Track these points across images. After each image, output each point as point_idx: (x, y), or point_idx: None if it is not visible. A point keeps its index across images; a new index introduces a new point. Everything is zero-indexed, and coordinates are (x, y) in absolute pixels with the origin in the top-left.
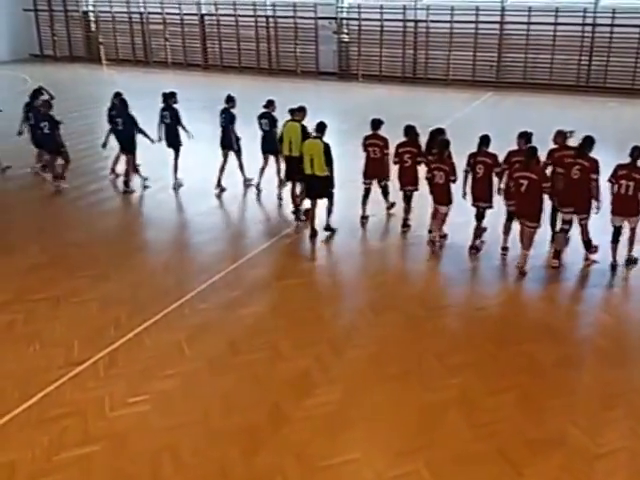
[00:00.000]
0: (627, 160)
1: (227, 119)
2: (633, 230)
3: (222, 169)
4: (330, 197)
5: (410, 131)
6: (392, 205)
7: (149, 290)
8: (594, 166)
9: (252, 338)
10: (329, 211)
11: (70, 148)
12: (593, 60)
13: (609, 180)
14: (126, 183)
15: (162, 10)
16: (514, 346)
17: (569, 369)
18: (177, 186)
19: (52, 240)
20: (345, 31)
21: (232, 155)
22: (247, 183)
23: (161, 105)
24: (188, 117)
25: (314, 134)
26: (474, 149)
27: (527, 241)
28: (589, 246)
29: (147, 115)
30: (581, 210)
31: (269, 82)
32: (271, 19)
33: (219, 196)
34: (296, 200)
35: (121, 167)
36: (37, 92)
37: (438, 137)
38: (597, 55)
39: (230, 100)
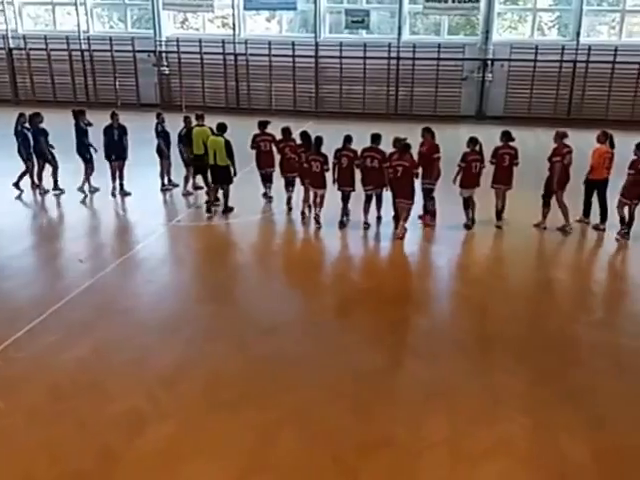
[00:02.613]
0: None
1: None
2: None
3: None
4: (229, 183)
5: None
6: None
7: None
8: (437, 148)
9: (76, 382)
10: (226, 196)
11: None
12: (400, 90)
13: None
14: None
15: None
16: (342, 356)
17: (392, 372)
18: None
19: None
20: (165, 64)
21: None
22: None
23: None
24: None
25: (216, 132)
26: None
27: (405, 214)
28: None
29: None
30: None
31: (89, 115)
32: (86, 53)
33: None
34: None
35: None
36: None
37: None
38: (403, 86)
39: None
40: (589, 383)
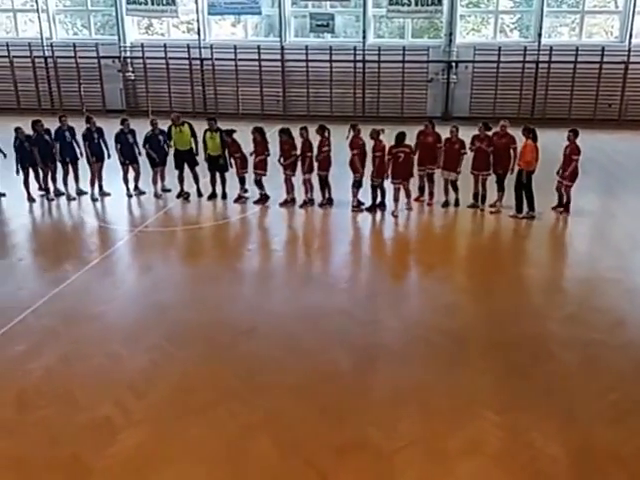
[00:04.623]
0: None
1: None
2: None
3: None
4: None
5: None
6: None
7: None
8: (439, 137)
9: (43, 392)
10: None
11: None
12: (366, 93)
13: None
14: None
15: None
16: (313, 358)
17: (364, 373)
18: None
19: None
20: (130, 69)
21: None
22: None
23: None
24: None
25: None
26: None
27: (397, 195)
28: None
29: None
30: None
31: (54, 123)
32: (50, 60)
33: None
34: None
35: None
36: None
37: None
38: (369, 88)
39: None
40: (559, 379)
